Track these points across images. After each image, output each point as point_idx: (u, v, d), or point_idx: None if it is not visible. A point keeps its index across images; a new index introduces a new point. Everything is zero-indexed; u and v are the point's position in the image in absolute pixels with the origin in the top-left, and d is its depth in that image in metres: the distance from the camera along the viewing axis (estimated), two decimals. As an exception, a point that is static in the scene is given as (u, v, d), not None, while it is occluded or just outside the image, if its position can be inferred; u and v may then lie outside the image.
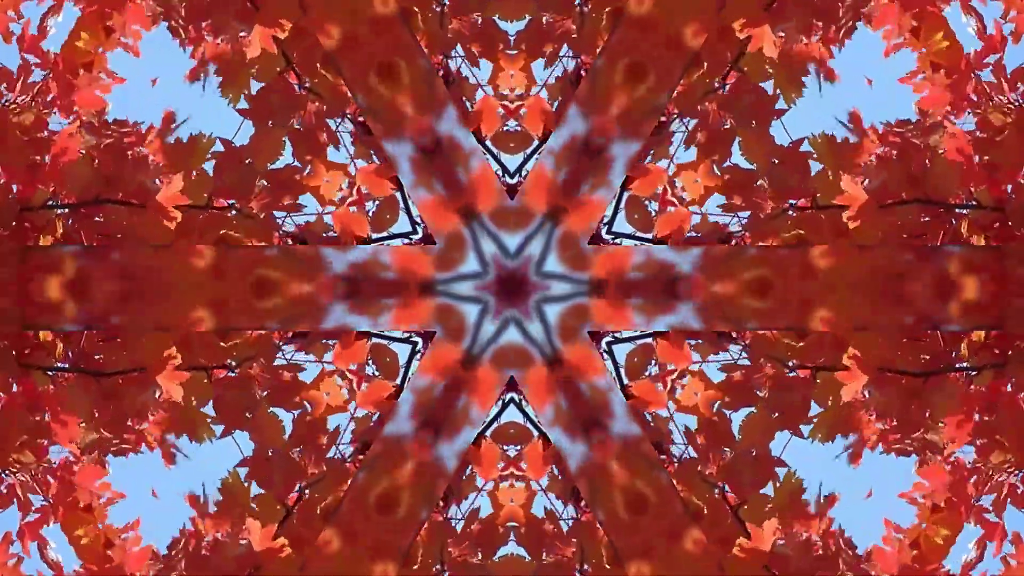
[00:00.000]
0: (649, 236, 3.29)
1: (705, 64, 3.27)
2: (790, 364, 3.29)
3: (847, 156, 3.26)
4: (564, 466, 3.28)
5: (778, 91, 3.26)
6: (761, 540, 3.28)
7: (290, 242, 3.27)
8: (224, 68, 3.26)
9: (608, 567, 3.27)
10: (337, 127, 3.29)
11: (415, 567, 3.27)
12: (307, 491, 3.29)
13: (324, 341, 3.30)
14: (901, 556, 3.26)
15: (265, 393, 3.28)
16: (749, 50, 3.26)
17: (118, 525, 3.27)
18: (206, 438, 3.28)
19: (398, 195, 3.30)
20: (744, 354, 3.28)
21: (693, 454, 3.30)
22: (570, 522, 3.29)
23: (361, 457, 3.29)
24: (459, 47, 3.28)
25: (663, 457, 3.29)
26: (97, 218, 3.25)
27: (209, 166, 3.27)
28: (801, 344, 3.27)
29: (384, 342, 3.31)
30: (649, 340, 3.30)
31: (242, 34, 3.25)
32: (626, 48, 3.25)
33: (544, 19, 3.28)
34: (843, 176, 3.25)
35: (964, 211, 3.24)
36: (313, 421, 3.29)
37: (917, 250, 3.21)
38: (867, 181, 3.25)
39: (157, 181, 3.25)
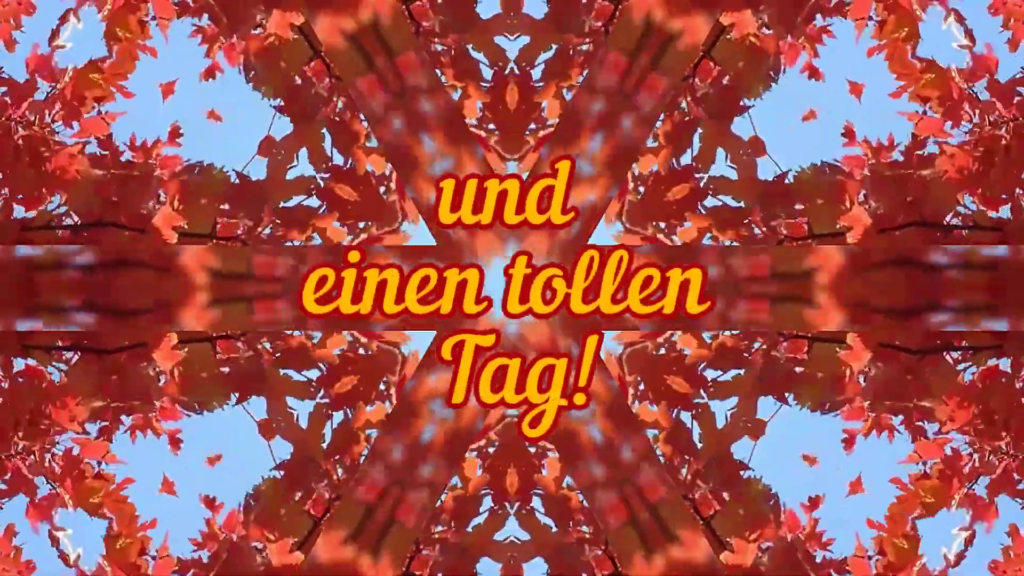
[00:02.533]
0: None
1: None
2: (784, 333, 3.29)
3: (836, 191, 3.28)
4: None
5: (744, 83, 3.27)
6: (744, 554, 3.28)
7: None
8: (257, 63, 3.26)
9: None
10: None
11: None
12: (335, 503, 3.29)
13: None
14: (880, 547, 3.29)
15: (276, 356, 3.29)
16: (735, 37, 3.26)
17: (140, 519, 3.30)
18: (217, 406, 3.27)
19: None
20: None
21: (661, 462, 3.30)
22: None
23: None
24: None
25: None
26: (99, 241, 3.24)
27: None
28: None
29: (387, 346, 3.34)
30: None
31: (260, 27, 3.26)
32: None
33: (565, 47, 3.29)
34: (848, 200, 3.26)
35: (962, 231, 3.25)
36: (348, 431, 3.31)
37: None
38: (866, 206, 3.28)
39: (156, 204, 3.26)
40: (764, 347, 3.28)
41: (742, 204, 3.27)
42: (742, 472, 3.28)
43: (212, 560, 3.26)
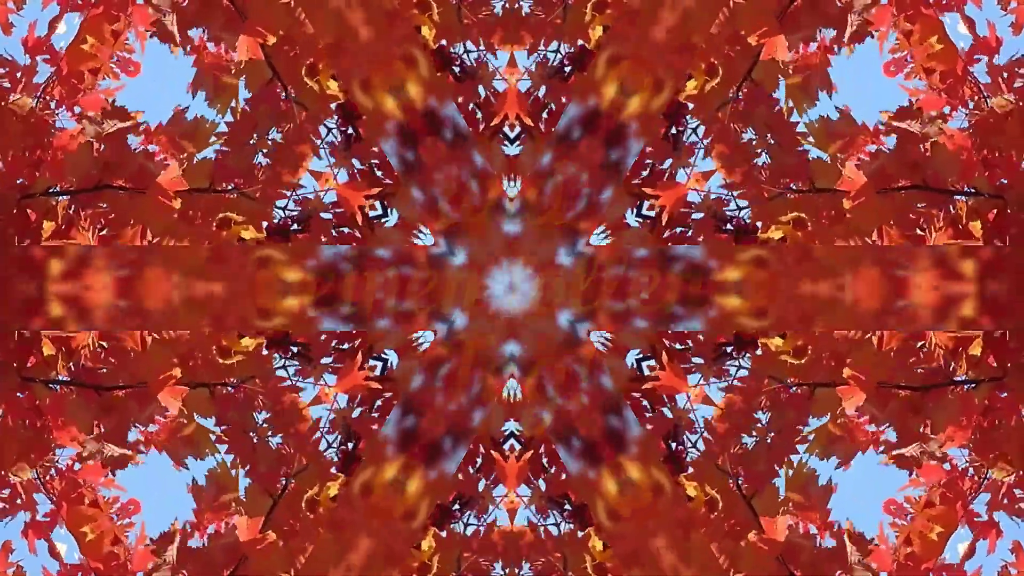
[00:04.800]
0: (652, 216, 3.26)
1: (720, 73, 3.25)
2: (788, 382, 3.28)
3: (843, 141, 3.24)
4: (561, 470, 3.28)
5: (790, 102, 3.24)
6: (775, 532, 3.28)
7: (289, 221, 3.25)
8: (212, 79, 3.24)
9: (594, 576, 3.30)
10: (325, 136, 3.25)
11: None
12: (292, 480, 3.28)
13: (321, 362, 3.28)
14: (896, 553, 3.28)
15: (266, 416, 3.27)
16: (762, 58, 3.22)
17: (122, 522, 3.31)
18: (209, 454, 3.28)
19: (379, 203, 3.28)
20: (744, 369, 3.27)
21: (703, 446, 3.28)
22: (559, 528, 3.29)
23: (346, 449, 3.28)
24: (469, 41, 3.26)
25: (678, 448, 3.28)
26: (100, 205, 3.23)
27: (211, 151, 3.25)
28: (801, 362, 3.26)
29: (379, 364, 3.31)
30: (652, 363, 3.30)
31: (229, 44, 3.23)
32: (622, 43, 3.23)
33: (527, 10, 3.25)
34: (845, 161, 3.23)
35: (963, 198, 3.22)
36: (298, 411, 3.28)
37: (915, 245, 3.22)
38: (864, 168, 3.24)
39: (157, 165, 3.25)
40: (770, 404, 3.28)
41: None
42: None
43: (183, 545, 3.29)
